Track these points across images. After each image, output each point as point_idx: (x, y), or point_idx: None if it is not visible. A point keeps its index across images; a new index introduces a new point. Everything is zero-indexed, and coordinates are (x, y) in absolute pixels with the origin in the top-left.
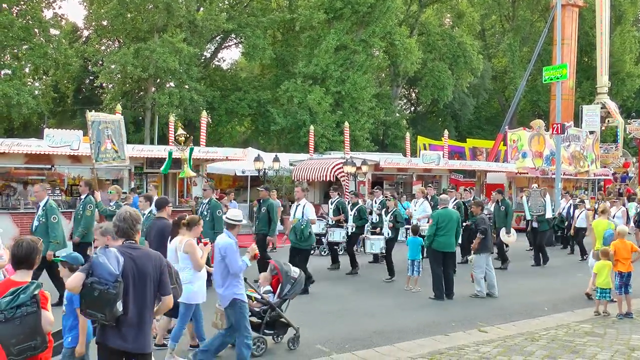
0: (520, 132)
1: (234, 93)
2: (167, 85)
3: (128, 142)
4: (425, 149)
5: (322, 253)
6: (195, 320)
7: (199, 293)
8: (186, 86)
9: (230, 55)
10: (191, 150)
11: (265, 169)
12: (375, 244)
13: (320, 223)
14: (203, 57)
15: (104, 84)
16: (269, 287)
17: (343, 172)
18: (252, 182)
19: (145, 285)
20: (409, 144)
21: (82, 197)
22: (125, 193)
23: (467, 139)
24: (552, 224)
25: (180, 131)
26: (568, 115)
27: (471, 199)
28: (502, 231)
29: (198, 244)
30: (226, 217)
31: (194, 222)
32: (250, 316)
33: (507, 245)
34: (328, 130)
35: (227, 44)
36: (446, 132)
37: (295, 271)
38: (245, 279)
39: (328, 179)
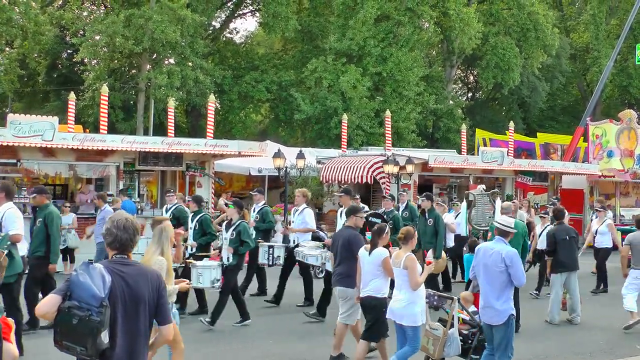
0: (605, 126)
1: (249, 73)
2: (166, 62)
3: (116, 131)
4: (485, 145)
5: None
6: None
7: (423, 313)
8: (190, 63)
9: (245, 26)
10: None
11: (286, 168)
12: (204, 274)
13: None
14: (211, 28)
15: (85, 60)
16: (474, 308)
17: (383, 172)
18: (270, 184)
19: (138, 311)
20: (465, 139)
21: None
22: (111, 195)
23: (538, 133)
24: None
25: None
26: None
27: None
28: (430, 254)
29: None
30: (497, 223)
31: (410, 235)
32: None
33: None
34: (365, 121)
35: (241, 12)
36: (512, 125)
37: None
38: (458, 299)
39: (365, 180)
